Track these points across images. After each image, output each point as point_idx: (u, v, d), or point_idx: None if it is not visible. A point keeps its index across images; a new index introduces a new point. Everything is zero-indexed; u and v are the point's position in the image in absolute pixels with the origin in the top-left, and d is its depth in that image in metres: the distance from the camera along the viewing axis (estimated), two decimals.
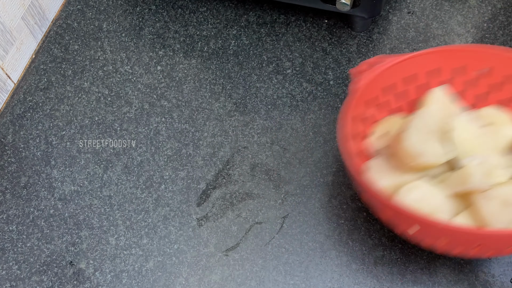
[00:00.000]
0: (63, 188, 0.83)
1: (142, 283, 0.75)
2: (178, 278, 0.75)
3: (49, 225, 0.80)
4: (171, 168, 0.83)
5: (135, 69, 0.93)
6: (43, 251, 0.78)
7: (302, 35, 0.94)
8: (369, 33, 0.94)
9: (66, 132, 0.87)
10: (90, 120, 0.88)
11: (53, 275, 0.76)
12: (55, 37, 0.97)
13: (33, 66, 0.94)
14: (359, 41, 0.93)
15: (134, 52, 0.94)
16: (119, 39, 0.96)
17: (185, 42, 0.95)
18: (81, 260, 0.77)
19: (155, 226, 0.79)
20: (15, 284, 0.76)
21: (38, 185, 0.83)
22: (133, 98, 0.90)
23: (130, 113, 0.88)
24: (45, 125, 0.88)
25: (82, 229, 0.79)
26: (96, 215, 0.80)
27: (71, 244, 0.78)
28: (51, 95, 0.91)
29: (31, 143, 0.86)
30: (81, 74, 0.93)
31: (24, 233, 0.79)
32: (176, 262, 0.76)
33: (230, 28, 0.96)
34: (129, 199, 0.81)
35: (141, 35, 0.96)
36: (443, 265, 0.74)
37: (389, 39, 0.93)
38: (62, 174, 0.84)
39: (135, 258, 0.77)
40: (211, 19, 0.97)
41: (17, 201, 0.82)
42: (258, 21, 0.96)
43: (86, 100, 0.90)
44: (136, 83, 0.91)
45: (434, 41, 0.92)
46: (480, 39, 0.91)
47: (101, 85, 0.91)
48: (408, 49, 0.91)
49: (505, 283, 0.73)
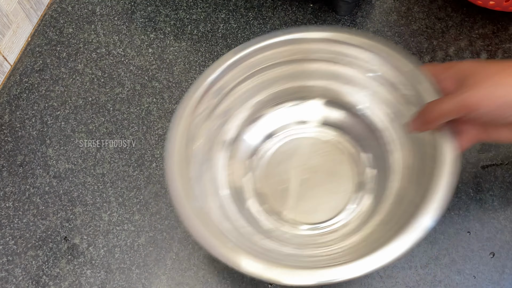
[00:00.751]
0: (58, 166, 0.83)
1: (134, 257, 0.76)
2: (169, 253, 0.76)
3: (45, 202, 0.81)
4: (162, 147, 0.84)
5: (127, 52, 0.93)
6: (39, 227, 0.79)
7: (288, 18, 0.95)
8: (353, 16, 0.95)
9: (60, 112, 0.88)
10: (84, 100, 0.89)
11: (48, 250, 0.77)
12: (50, 20, 0.98)
13: (29, 49, 0.95)
14: (343, 25, 0.94)
15: (126, 35, 0.95)
16: (112, 22, 0.97)
17: (176, 25, 0.96)
18: (75, 236, 0.78)
19: (146, 203, 0.80)
20: (11, 258, 0.77)
21: (34, 163, 0.84)
22: (125, 79, 0.91)
23: (123, 94, 0.89)
24: (40, 105, 0.89)
25: (76, 206, 0.80)
26: (89, 192, 0.81)
27: (66, 220, 0.79)
28: (46, 76, 0.92)
29: (27, 122, 0.87)
30: (75, 57, 0.93)
31: (20, 209, 0.80)
32: (167, 237, 0.77)
33: (218, 12, 0.97)
34: (121, 176, 0.82)
35: (133, 19, 0.97)
36: (423, 240, 0.75)
37: (372, 23, 0.94)
38: (57, 153, 0.84)
39: (127, 233, 0.78)
40: (201, 3, 0.98)
41: (13, 178, 0.83)
42: (245, 5, 0.97)
43: (80, 81, 0.91)
44: (128, 65, 0.92)
45: (415, 24, 0.93)
46: (460, 22, 0.93)
47: (95, 67, 0.92)
48: (390, 32, 0.93)
49: (484, 258, 0.74)
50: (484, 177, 0.79)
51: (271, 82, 0.79)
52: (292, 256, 0.69)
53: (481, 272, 0.73)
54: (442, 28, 0.93)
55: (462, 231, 0.76)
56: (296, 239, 0.73)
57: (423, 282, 0.73)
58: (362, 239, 0.69)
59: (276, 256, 0.67)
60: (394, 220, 0.67)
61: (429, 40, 0.91)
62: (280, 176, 0.78)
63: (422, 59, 0.89)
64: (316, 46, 0.76)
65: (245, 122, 0.79)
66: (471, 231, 0.76)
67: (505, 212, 0.77)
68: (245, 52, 0.75)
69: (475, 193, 0.78)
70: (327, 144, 0.80)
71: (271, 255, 0.68)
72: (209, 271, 0.75)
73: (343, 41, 0.75)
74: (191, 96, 0.72)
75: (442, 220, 0.75)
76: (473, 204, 0.77)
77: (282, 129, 0.81)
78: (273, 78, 0.79)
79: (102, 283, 0.75)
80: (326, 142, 0.80)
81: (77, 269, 0.76)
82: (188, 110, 0.71)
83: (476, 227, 0.76)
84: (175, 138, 0.70)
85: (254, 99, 0.80)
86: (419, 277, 0.73)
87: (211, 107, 0.75)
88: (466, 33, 0.91)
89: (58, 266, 0.76)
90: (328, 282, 0.60)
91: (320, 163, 0.78)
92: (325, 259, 0.67)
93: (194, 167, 0.71)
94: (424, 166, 0.67)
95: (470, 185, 0.79)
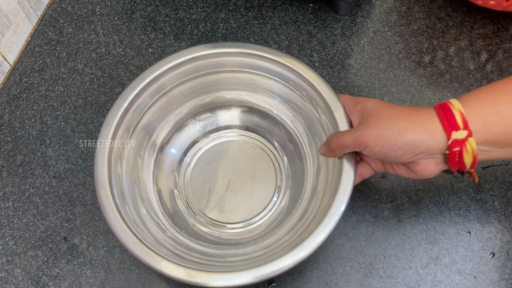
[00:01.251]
0: (58, 166, 0.83)
1: (134, 257, 0.74)
2: None
3: (44, 202, 0.81)
4: None
5: (127, 52, 0.93)
6: (38, 227, 0.79)
7: (288, 18, 0.95)
8: (353, 16, 0.95)
9: (60, 112, 0.88)
10: (84, 100, 0.89)
11: (48, 250, 0.77)
12: (50, 20, 0.97)
13: (29, 49, 0.94)
14: (343, 24, 0.94)
15: (126, 35, 0.95)
16: (112, 22, 0.97)
17: (175, 25, 0.96)
18: (75, 236, 0.78)
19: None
20: (11, 258, 0.77)
21: (34, 163, 0.84)
22: (125, 79, 0.90)
23: None
24: (40, 105, 0.89)
25: (76, 206, 0.80)
26: (89, 192, 0.81)
27: (65, 220, 0.79)
28: (46, 76, 0.91)
29: (27, 122, 0.87)
30: (75, 56, 0.93)
31: (20, 209, 0.80)
32: None
33: (218, 11, 0.97)
34: None
35: (133, 19, 0.97)
36: (424, 241, 0.76)
37: (372, 22, 0.94)
38: (57, 153, 0.84)
39: None
40: (200, 3, 0.98)
41: (13, 178, 0.82)
42: (245, 5, 0.97)
43: (80, 81, 0.91)
44: (128, 65, 0.92)
45: (415, 24, 0.93)
46: (460, 22, 0.93)
47: (94, 66, 0.92)
48: (390, 32, 0.93)
49: (484, 258, 0.74)
50: (484, 177, 0.79)
51: (188, 95, 0.81)
52: (215, 256, 0.72)
53: (481, 272, 0.73)
54: (442, 28, 0.93)
55: (462, 231, 0.76)
56: (217, 238, 0.77)
57: (423, 282, 0.73)
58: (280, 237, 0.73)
59: (199, 256, 0.71)
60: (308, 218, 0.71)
61: (430, 39, 0.91)
62: (207, 175, 0.82)
63: (423, 59, 0.89)
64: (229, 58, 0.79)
65: (168, 133, 0.82)
66: (472, 231, 0.76)
67: (505, 212, 0.77)
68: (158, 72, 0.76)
69: (476, 193, 0.78)
70: (254, 149, 0.83)
71: (194, 254, 0.71)
72: None
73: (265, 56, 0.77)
74: (114, 115, 0.73)
75: (442, 220, 0.75)
76: (474, 204, 0.77)
77: (206, 135, 0.84)
78: (188, 91, 0.81)
79: (102, 283, 0.75)
80: (253, 146, 0.83)
81: (77, 269, 0.76)
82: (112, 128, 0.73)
83: (477, 227, 0.76)
84: (102, 160, 0.71)
85: (175, 111, 0.82)
86: (419, 277, 0.73)
87: (134, 123, 0.77)
88: (467, 32, 0.91)
89: (58, 266, 0.76)
90: (255, 281, 0.63)
91: (245, 166, 0.82)
92: (247, 258, 0.71)
93: (123, 180, 0.74)
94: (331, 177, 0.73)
95: (470, 185, 0.79)
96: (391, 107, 0.65)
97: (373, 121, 0.64)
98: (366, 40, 0.92)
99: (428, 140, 0.61)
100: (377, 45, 0.92)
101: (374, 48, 0.91)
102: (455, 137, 0.60)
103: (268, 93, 0.81)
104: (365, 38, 0.92)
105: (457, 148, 0.60)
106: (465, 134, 0.60)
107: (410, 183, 0.80)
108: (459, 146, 0.60)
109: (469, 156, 0.61)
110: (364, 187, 0.79)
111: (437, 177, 0.80)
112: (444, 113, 0.61)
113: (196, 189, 0.81)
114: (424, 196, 0.79)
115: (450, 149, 0.61)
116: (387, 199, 0.79)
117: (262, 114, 0.83)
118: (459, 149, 0.60)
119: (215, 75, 0.80)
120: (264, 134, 0.83)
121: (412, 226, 0.77)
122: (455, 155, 0.61)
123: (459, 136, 0.60)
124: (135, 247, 0.65)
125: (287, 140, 0.82)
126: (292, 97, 0.79)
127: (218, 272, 0.63)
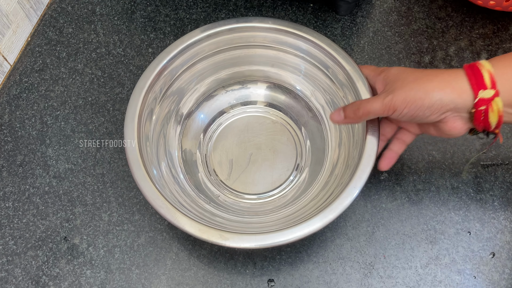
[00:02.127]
0: (58, 166, 0.83)
1: (134, 257, 0.76)
2: (169, 253, 0.76)
3: (44, 202, 0.80)
4: None
5: (127, 51, 0.93)
6: (38, 227, 0.79)
7: (288, 18, 0.95)
8: (353, 16, 0.95)
9: (60, 112, 0.88)
10: (84, 100, 0.89)
11: (48, 250, 0.77)
12: (50, 20, 0.97)
13: (29, 49, 0.94)
14: (343, 24, 0.94)
15: (126, 35, 0.95)
16: (112, 22, 0.97)
17: (175, 25, 0.96)
18: (75, 236, 0.78)
19: (146, 203, 0.79)
20: (11, 258, 0.77)
21: (34, 163, 0.84)
22: (125, 79, 0.90)
23: (123, 94, 0.89)
24: (40, 105, 0.89)
25: (76, 206, 0.80)
26: (89, 192, 0.81)
27: (65, 220, 0.79)
28: (46, 76, 0.91)
29: (27, 122, 0.87)
30: (75, 56, 0.93)
31: (20, 209, 0.80)
32: (167, 237, 0.77)
33: (218, 11, 0.97)
34: (121, 176, 0.82)
35: (133, 19, 0.97)
36: (424, 241, 0.76)
37: (372, 22, 0.94)
38: (57, 153, 0.84)
39: (127, 233, 0.78)
40: (200, 3, 0.98)
41: (13, 178, 0.82)
42: (245, 4, 0.97)
43: (80, 81, 0.91)
44: (128, 65, 0.92)
45: (415, 24, 0.93)
46: (460, 22, 0.93)
47: (94, 67, 0.92)
48: (390, 32, 0.93)
49: (484, 258, 0.75)
50: (484, 177, 0.79)
51: (219, 66, 0.84)
52: (234, 222, 0.74)
53: (482, 272, 0.73)
54: (442, 27, 0.93)
55: (462, 231, 0.76)
56: (238, 207, 0.79)
57: (423, 282, 0.73)
58: (299, 208, 0.75)
59: (220, 220, 0.72)
60: (327, 192, 0.73)
61: (430, 39, 0.91)
62: (229, 148, 0.84)
63: (423, 59, 0.89)
64: (259, 34, 0.81)
65: (197, 100, 0.84)
66: (472, 231, 0.76)
67: (505, 212, 0.77)
68: (194, 39, 0.79)
69: (476, 193, 0.78)
70: (274, 123, 0.85)
71: (215, 219, 0.72)
72: (209, 271, 0.75)
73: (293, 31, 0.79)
74: (148, 76, 0.76)
75: (442, 220, 0.75)
76: (474, 204, 0.77)
77: (232, 108, 0.87)
78: (220, 63, 0.83)
79: (102, 283, 0.75)
80: (274, 121, 0.85)
81: (77, 269, 0.76)
82: (145, 89, 0.75)
83: (477, 227, 0.76)
84: (133, 113, 0.73)
85: (206, 80, 0.84)
86: (419, 277, 0.73)
87: (166, 86, 0.79)
88: (467, 32, 0.91)
89: (58, 266, 0.76)
90: (269, 245, 0.64)
91: (266, 140, 0.85)
92: (264, 226, 0.72)
93: (151, 138, 0.76)
94: (353, 146, 0.74)
95: (471, 185, 0.79)
96: (416, 71, 0.66)
97: (399, 85, 0.65)
98: (366, 40, 0.92)
99: (455, 99, 0.62)
100: (377, 45, 0.92)
101: (374, 48, 0.91)
102: (481, 96, 0.61)
103: (293, 70, 0.83)
104: (365, 38, 0.92)
105: (483, 107, 0.61)
106: (492, 94, 0.61)
107: (410, 183, 0.80)
108: (485, 105, 0.61)
109: (494, 116, 0.62)
110: (364, 187, 0.79)
111: (437, 177, 0.80)
112: (473, 72, 0.62)
113: (218, 158, 0.83)
114: (424, 196, 0.79)
115: (476, 108, 0.61)
116: (387, 199, 0.79)
117: (285, 90, 0.85)
118: (485, 108, 0.61)
119: (247, 49, 0.82)
120: (285, 109, 0.86)
121: (412, 226, 0.77)
122: (480, 113, 0.62)
123: (486, 95, 0.61)
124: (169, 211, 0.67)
125: (306, 113, 0.84)
126: (315, 74, 0.81)
127: (249, 233, 0.65)
